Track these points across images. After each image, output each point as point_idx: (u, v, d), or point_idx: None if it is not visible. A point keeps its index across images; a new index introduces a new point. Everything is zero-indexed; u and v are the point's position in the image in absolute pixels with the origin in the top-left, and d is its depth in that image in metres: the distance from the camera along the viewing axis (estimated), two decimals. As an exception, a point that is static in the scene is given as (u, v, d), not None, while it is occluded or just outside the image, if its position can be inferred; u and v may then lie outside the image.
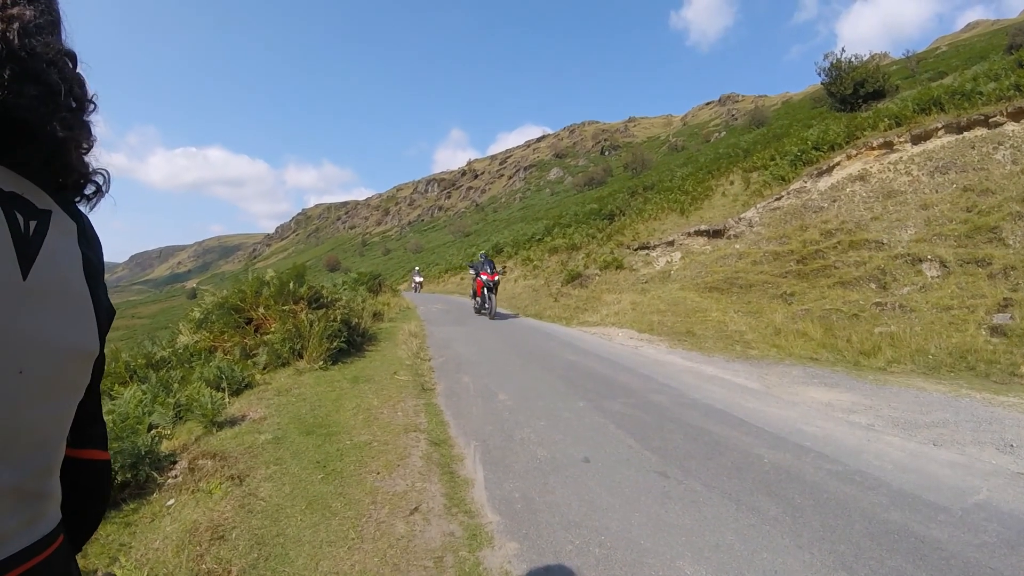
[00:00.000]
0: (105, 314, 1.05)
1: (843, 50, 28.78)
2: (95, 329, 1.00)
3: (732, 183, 23.07)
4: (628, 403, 7.23)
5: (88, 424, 1.15)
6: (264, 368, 8.67)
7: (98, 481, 1.23)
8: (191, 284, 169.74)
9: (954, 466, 4.81)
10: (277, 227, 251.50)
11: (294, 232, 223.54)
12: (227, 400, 6.74)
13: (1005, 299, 9.06)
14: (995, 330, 8.54)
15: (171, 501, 4.11)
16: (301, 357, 9.08)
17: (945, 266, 10.94)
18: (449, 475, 4.87)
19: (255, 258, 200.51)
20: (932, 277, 11.00)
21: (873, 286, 11.85)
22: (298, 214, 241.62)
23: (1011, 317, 8.60)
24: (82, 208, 1.09)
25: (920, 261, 11.46)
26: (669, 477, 4.74)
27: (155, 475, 4.44)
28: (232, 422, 6.01)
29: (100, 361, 1.11)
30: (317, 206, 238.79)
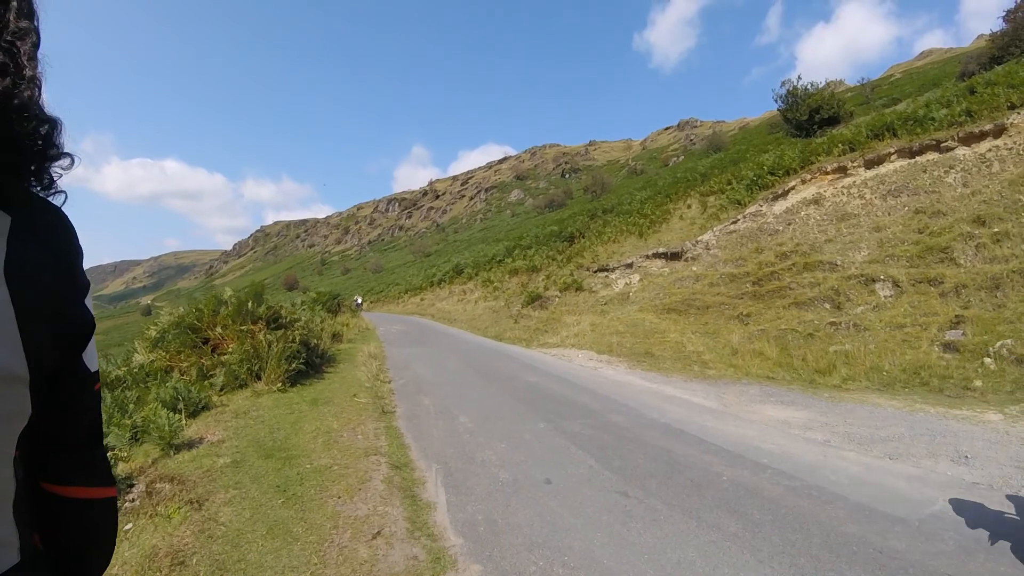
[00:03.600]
0: (61, 326, 0.91)
1: (799, 77, 29.64)
2: (13, 344, 0.81)
3: (690, 207, 23.48)
4: (588, 424, 7.29)
5: (67, 457, 1.04)
6: (221, 389, 8.53)
7: (86, 521, 1.08)
8: (146, 300, 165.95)
9: (910, 478, 4.97)
10: (235, 244, 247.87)
11: (252, 249, 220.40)
12: (184, 422, 6.62)
13: (957, 316, 9.37)
14: (948, 346, 8.83)
15: (129, 525, 4.02)
16: (259, 379, 8.95)
17: (898, 286, 11.28)
18: (411, 499, 4.86)
19: (212, 275, 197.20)
20: (885, 296, 11.32)
21: (827, 306, 12.15)
22: (256, 231, 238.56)
23: (963, 333, 8.91)
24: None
25: (873, 281, 11.80)
26: (630, 496, 4.80)
27: (110, 500, 4.35)
28: (190, 445, 5.90)
29: (77, 383, 1.00)
30: (276, 223, 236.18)
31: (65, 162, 0.94)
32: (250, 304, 10.33)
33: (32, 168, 0.90)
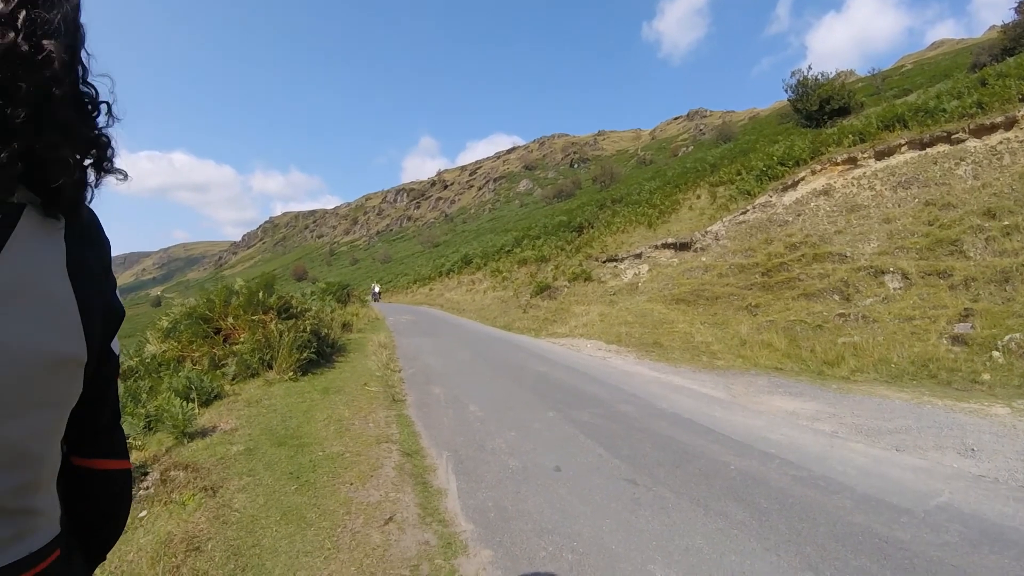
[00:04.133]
0: (104, 315, 1.00)
1: (810, 67, 29.45)
2: (78, 333, 0.91)
3: (699, 197, 23.40)
4: (597, 413, 7.33)
5: (99, 434, 1.13)
6: (233, 379, 8.62)
7: (112, 491, 1.20)
8: (156, 292, 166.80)
9: (916, 470, 4.99)
10: (244, 235, 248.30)
11: (261, 240, 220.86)
12: (197, 411, 6.70)
13: (966, 309, 9.36)
14: (956, 339, 8.82)
15: (143, 513, 4.10)
16: (271, 368, 9.04)
17: (907, 278, 11.26)
18: (422, 485, 4.92)
19: (221, 266, 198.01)
20: (894, 289, 11.30)
21: (836, 298, 12.14)
22: (265, 222, 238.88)
23: (972, 327, 8.89)
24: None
25: (882, 273, 11.78)
26: (638, 484, 4.85)
27: (127, 486, 4.41)
28: (203, 433, 5.99)
29: (109, 366, 1.09)
30: (285, 214, 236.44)
31: (119, 175, 1.05)
32: (261, 294, 10.41)
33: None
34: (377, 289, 44.96)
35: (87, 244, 0.99)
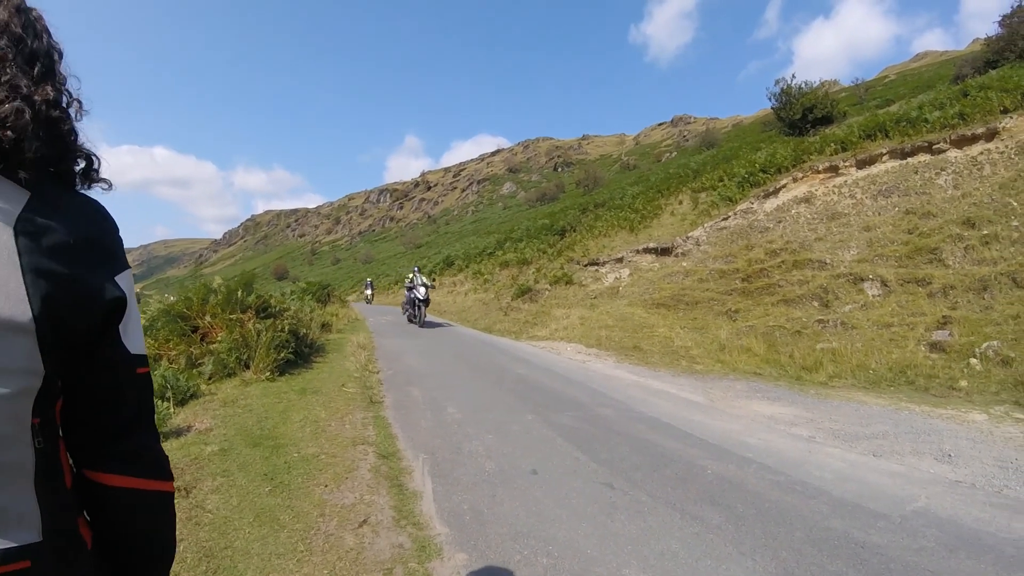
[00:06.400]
0: (75, 292, 0.90)
1: (793, 76, 29.74)
2: (18, 294, 0.82)
3: (681, 203, 23.49)
4: (576, 416, 7.32)
5: (113, 441, 1.01)
6: (210, 378, 8.51)
7: (130, 516, 1.05)
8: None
9: (893, 475, 5.03)
10: (225, 233, 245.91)
11: (242, 238, 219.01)
12: (172, 410, 6.61)
13: (944, 317, 9.44)
14: (934, 346, 8.90)
15: (113, 512, 4.02)
16: (248, 367, 8.94)
17: (886, 285, 11.35)
18: (398, 488, 4.87)
19: (202, 264, 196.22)
20: (873, 296, 11.39)
21: (816, 304, 12.22)
22: (247, 220, 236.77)
23: (950, 334, 8.97)
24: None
25: (862, 280, 11.87)
26: (615, 488, 4.83)
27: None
28: (178, 433, 5.89)
29: (113, 354, 1.00)
30: (267, 212, 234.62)
31: (103, 185, 1.11)
32: (240, 293, 10.31)
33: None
34: (369, 292, 38.41)
35: (62, 215, 0.92)
